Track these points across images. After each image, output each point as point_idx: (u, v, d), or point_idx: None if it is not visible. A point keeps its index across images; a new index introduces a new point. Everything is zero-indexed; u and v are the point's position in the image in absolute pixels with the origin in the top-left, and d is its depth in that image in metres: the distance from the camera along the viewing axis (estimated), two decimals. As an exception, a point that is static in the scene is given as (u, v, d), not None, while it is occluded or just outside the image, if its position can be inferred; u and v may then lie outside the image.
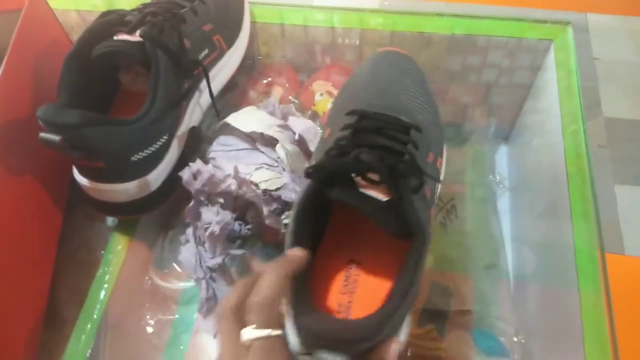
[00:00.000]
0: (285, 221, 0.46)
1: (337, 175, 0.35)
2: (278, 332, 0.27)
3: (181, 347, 0.47)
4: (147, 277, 0.50)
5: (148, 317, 0.48)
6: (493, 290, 0.51)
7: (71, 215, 0.53)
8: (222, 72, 0.55)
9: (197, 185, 0.45)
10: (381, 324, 0.31)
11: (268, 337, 0.27)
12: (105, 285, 0.49)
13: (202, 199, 0.47)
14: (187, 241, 0.48)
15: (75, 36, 0.59)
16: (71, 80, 0.45)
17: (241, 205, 0.47)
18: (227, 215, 0.46)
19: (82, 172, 0.46)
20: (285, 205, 0.46)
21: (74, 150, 0.41)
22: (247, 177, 0.46)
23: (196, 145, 0.53)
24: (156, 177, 0.48)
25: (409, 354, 0.46)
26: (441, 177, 0.44)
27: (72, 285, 0.49)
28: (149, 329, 0.48)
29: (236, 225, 0.48)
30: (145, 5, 0.49)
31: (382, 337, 0.32)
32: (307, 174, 0.35)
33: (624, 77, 0.71)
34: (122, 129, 0.43)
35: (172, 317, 0.48)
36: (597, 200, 0.47)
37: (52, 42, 0.53)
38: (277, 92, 0.60)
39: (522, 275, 0.51)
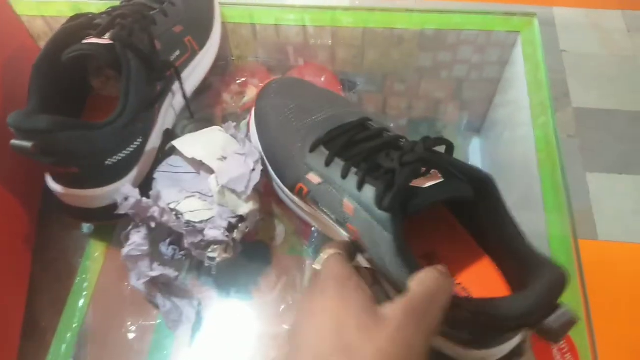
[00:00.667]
0: (211, 255, 0.45)
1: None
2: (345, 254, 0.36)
3: (165, 352, 0.47)
4: (126, 283, 0.49)
5: (129, 323, 0.48)
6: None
7: (46, 225, 0.52)
8: (194, 74, 0.55)
9: (124, 209, 0.44)
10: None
11: (339, 254, 0.35)
12: (84, 293, 0.49)
13: (137, 221, 0.46)
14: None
15: (42, 43, 0.58)
16: (41, 86, 0.44)
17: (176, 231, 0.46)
18: (139, 238, 0.45)
19: (56, 179, 0.45)
20: (203, 245, 0.45)
21: (46, 156, 0.41)
22: (174, 204, 0.45)
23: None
24: (131, 181, 0.47)
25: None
26: None
27: (51, 295, 0.48)
28: (131, 335, 0.47)
29: (169, 250, 0.47)
30: (114, 8, 0.49)
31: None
32: (390, 209, 0.35)
33: (591, 68, 0.72)
34: (94, 132, 0.42)
35: (153, 322, 0.48)
36: (569, 188, 0.48)
37: (20, 49, 0.52)
38: (252, 92, 0.60)
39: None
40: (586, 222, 0.60)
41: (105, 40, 0.45)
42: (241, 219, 0.45)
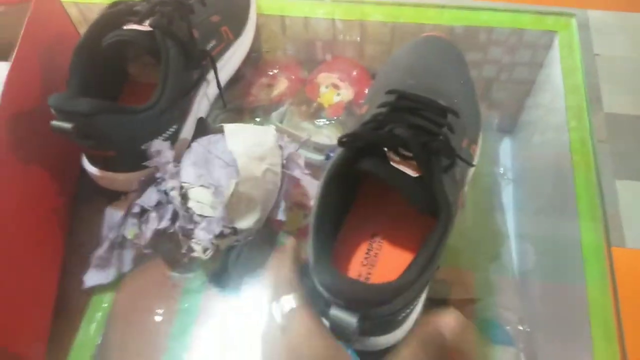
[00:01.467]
0: (194, 246, 0.45)
1: (370, 148, 0.36)
2: None
3: (188, 337, 0.48)
4: (155, 265, 0.50)
5: (156, 305, 0.48)
6: (497, 280, 0.51)
7: (80, 207, 0.53)
8: (229, 63, 0.55)
9: (150, 161, 0.45)
10: (397, 292, 0.33)
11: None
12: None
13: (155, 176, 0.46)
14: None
15: (80, 30, 0.59)
16: (81, 70, 0.45)
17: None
18: (150, 199, 0.45)
19: (93, 161, 0.46)
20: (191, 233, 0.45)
21: (85, 139, 0.42)
22: (187, 185, 0.45)
23: (203, 136, 0.53)
24: (165, 166, 0.48)
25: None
26: (474, 162, 0.45)
27: (82, 276, 0.49)
28: (158, 318, 0.48)
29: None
30: (153, -4, 0.49)
31: (396, 307, 0.34)
32: (341, 143, 0.36)
33: (624, 73, 0.71)
34: (132, 117, 0.43)
35: (179, 305, 0.49)
36: (603, 193, 0.47)
37: (61, 34, 0.53)
38: (282, 84, 0.61)
39: (527, 268, 0.52)
40: (615, 229, 0.59)
41: (145, 27, 0.45)
42: (234, 231, 0.45)
